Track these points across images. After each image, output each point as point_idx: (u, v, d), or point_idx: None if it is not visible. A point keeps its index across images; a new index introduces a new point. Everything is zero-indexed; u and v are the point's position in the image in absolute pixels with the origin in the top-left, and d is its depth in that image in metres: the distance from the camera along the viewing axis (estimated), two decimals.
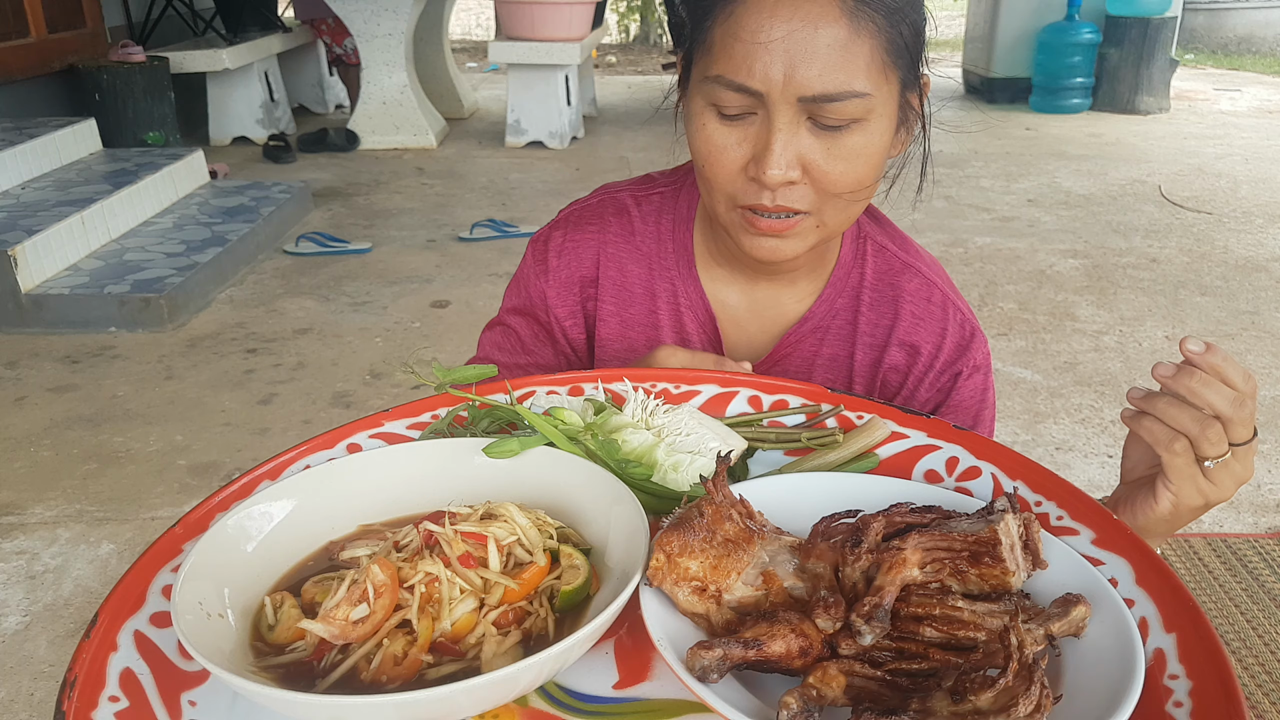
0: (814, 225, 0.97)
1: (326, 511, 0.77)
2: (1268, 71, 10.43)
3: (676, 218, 1.15)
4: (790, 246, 0.98)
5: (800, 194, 0.93)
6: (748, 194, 0.94)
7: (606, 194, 1.19)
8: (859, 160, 0.92)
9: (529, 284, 1.19)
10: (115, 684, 0.63)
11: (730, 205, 0.98)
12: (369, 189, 5.82)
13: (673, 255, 1.15)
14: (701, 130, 0.95)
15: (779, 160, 0.90)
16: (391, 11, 6.57)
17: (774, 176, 0.90)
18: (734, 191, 0.96)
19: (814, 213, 0.96)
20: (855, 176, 0.93)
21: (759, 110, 0.91)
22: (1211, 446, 0.82)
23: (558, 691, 0.64)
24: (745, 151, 0.93)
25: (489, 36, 12.53)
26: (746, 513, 0.71)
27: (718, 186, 0.97)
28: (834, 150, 0.91)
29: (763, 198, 0.93)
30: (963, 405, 1.13)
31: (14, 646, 2.15)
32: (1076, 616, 0.63)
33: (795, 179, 0.92)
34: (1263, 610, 2.24)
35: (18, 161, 4.45)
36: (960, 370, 1.12)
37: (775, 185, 0.92)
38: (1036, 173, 6.24)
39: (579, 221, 1.17)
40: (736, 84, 0.89)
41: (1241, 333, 3.82)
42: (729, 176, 0.95)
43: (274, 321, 3.90)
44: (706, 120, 0.94)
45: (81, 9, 6.05)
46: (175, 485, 2.75)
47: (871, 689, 0.60)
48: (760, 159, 0.91)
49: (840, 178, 0.92)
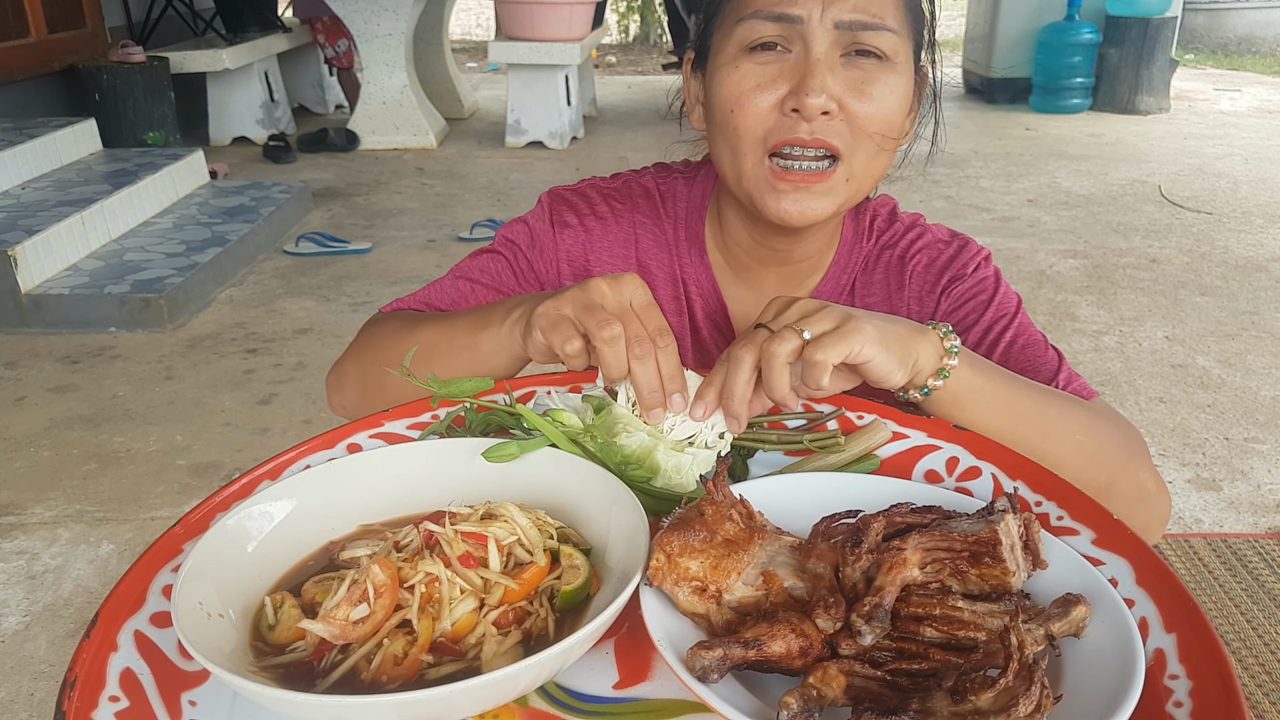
0: (844, 178, 0.97)
1: (326, 511, 0.77)
2: (1268, 71, 10.43)
3: (690, 205, 1.16)
4: (820, 205, 0.97)
5: (836, 129, 0.94)
6: (783, 129, 0.94)
7: (632, 177, 1.20)
8: (889, 99, 0.94)
9: (540, 235, 1.16)
10: (115, 684, 0.63)
11: (760, 156, 0.96)
12: (369, 189, 5.82)
13: (685, 242, 1.16)
14: (734, 72, 0.95)
15: (820, 85, 0.90)
16: (391, 11, 6.57)
17: (814, 104, 0.90)
18: (768, 131, 0.94)
19: (845, 158, 0.95)
20: (885, 115, 0.95)
21: (795, 45, 0.93)
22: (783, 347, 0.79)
23: (558, 691, 0.64)
24: (780, 91, 0.93)
25: (489, 36, 12.53)
26: (747, 513, 0.71)
27: (749, 131, 0.95)
28: (866, 88, 0.93)
29: (799, 130, 0.93)
30: (976, 301, 1.10)
31: (14, 646, 2.15)
32: (1076, 616, 0.63)
33: (833, 110, 0.92)
34: (1263, 610, 2.24)
35: (18, 161, 4.45)
36: (957, 275, 1.11)
37: (814, 114, 0.92)
38: (1036, 173, 6.24)
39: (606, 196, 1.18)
40: (776, 13, 0.91)
41: (1241, 333, 3.82)
42: (762, 115, 0.94)
43: (274, 321, 3.90)
44: (740, 62, 0.95)
45: (81, 9, 6.06)
46: (175, 485, 2.75)
47: (872, 689, 0.60)
48: (801, 86, 0.91)
49: (874, 114, 0.94)
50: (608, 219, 1.16)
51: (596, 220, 1.16)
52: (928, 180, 5.84)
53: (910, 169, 1.14)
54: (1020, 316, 1.09)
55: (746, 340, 0.81)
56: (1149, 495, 0.96)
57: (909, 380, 0.85)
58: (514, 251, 1.15)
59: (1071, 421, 0.93)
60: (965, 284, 1.11)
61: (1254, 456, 2.92)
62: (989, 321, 1.08)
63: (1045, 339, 1.09)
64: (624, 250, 1.16)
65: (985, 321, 1.08)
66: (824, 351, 0.77)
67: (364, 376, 1.07)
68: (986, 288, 1.11)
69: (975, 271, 1.11)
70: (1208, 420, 3.13)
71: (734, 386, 0.80)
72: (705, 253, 1.15)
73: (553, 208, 1.17)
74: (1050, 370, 1.05)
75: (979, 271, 1.12)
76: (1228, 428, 3.09)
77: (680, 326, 1.17)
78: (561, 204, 1.17)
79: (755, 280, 1.14)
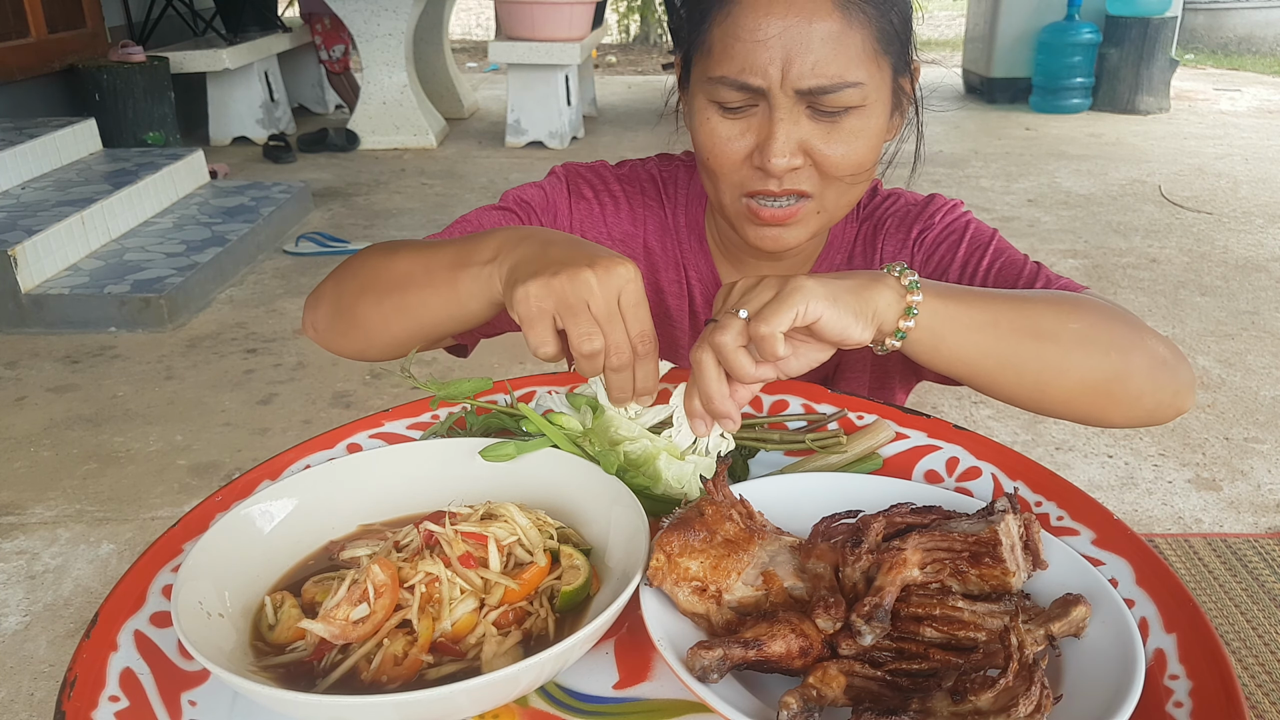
0: (815, 210, 1.01)
1: (326, 511, 0.77)
2: (1268, 71, 10.43)
3: (691, 194, 1.19)
4: (793, 234, 1.02)
5: (805, 176, 0.97)
6: (753, 181, 0.98)
7: (638, 164, 1.22)
8: (857, 143, 0.96)
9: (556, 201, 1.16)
10: (115, 684, 0.63)
11: (736, 196, 1.01)
12: (369, 189, 5.82)
13: (685, 228, 1.19)
14: (705, 124, 0.98)
15: (782, 149, 0.94)
16: (391, 11, 6.57)
17: (778, 165, 0.94)
18: (739, 180, 0.99)
19: (816, 196, 0.99)
20: (855, 159, 0.97)
21: (760, 103, 0.95)
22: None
23: (558, 691, 0.64)
24: (749, 142, 0.97)
25: (489, 36, 12.53)
26: (747, 513, 0.71)
27: (723, 178, 1.00)
28: (833, 135, 0.95)
29: (769, 184, 0.97)
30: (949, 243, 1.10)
31: (14, 646, 2.15)
32: (1076, 616, 0.63)
33: (799, 165, 0.96)
34: (1263, 610, 2.24)
35: (18, 161, 4.45)
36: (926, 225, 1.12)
37: (780, 172, 0.95)
38: (1036, 173, 6.24)
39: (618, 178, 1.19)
40: (739, 83, 0.93)
41: (1241, 333, 3.82)
42: (734, 166, 0.98)
43: (274, 321, 3.90)
44: (709, 115, 0.98)
45: (81, 9, 6.05)
46: (175, 485, 2.75)
47: (872, 689, 0.60)
48: (764, 148, 0.95)
49: (841, 160, 0.96)
50: (620, 198, 1.18)
51: (610, 198, 1.18)
52: (928, 180, 5.84)
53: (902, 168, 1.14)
54: (995, 242, 1.08)
55: (700, 341, 0.79)
56: (1167, 360, 0.90)
57: (876, 330, 0.80)
58: (527, 211, 1.14)
59: (1060, 313, 0.88)
60: (934, 231, 1.12)
61: (1254, 456, 2.92)
62: (964, 257, 1.08)
63: (1026, 257, 1.07)
64: (633, 229, 1.18)
65: (960, 258, 1.08)
66: (767, 323, 0.74)
67: (339, 299, 1.01)
68: (957, 228, 1.11)
69: (943, 218, 1.12)
70: (1208, 420, 3.13)
71: (707, 389, 0.78)
72: (705, 240, 1.18)
73: (569, 178, 1.18)
74: (1030, 278, 1.03)
75: (947, 216, 1.12)
76: (1228, 428, 3.09)
77: (680, 310, 1.20)
78: (578, 177, 1.18)
79: (752, 269, 1.16)
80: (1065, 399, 0.87)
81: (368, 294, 0.95)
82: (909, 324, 0.81)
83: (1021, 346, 0.84)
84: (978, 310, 0.84)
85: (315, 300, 1.05)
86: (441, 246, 0.92)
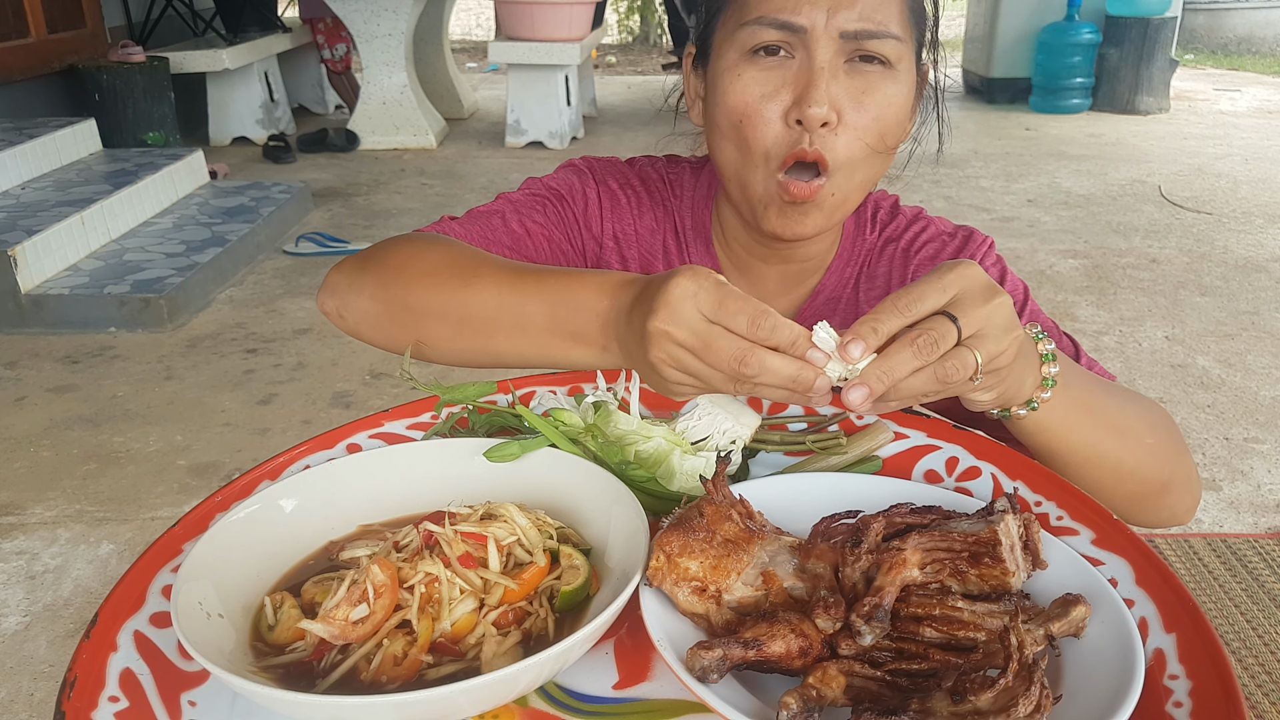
0: (829, 193, 0.96)
1: (326, 511, 0.77)
2: (1268, 71, 10.43)
3: (696, 196, 1.17)
4: (812, 220, 0.97)
5: (830, 141, 0.93)
6: (788, 142, 0.93)
7: (646, 163, 1.20)
8: (888, 109, 0.94)
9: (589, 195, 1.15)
10: (115, 684, 0.63)
11: (769, 170, 0.95)
12: (369, 189, 5.82)
13: (691, 230, 1.17)
14: (737, 80, 0.94)
15: (822, 96, 0.90)
16: (391, 11, 6.57)
17: (816, 115, 0.90)
18: (774, 142, 0.94)
19: (832, 172, 0.94)
20: (882, 126, 0.94)
21: (797, 53, 0.92)
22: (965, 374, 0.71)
23: (558, 692, 0.64)
24: (785, 99, 0.92)
25: (489, 36, 12.53)
26: (746, 513, 0.71)
27: (757, 142, 0.94)
28: (866, 96, 0.93)
29: (803, 142, 0.92)
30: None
31: (14, 646, 2.15)
32: (1076, 616, 0.63)
33: (833, 121, 0.92)
34: (1263, 610, 2.24)
35: (18, 161, 4.45)
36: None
37: (816, 125, 0.91)
38: (1036, 173, 6.24)
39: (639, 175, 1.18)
40: (779, 20, 0.90)
41: (1241, 333, 3.82)
42: (770, 127, 0.93)
43: (274, 321, 3.90)
44: (743, 71, 0.94)
45: (81, 9, 6.05)
46: (175, 485, 2.75)
47: (871, 689, 0.60)
48: (804, 97, 0.90)
49: (871, 124, 0.93)
50: (642, 195, 1.17)
51: (633, 193, 1.17)
52: (927, 180, 5.84)
53: (912, 169, 1.14)
54: (1030, 305, 1.08)
55: (936, 330, 0.69)
56: (1194, 480, 0.95)
57: (995, 403, 0.79)
58: (559, 200, 1.13)
59: (1141, 418, 0.90)
60: None
61: (1254, 456, 2.92)
62: None
63: (1056, 325, 1.06)
64: (655, 225, 1.17)
65: None
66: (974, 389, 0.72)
67: (389, 303, 0.94)
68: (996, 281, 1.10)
69: (981, 264, 1.10)
70: (1208, 420, 3.13)
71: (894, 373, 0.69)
72: (711, 244, 1.16)
73: (594, 170, 1.17)
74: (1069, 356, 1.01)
75: (983, 265, 1.10)
76: (1228, 428, 3.09)
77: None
78: (603, 170, 1.17)
79: (758, 276, 1.14)
80: (1114, 493, 0.89)
81: (436, 320, 0.90)
82: (1022, 412, 0.81)
83: (1108, 442, 0.86)
84: (1085, 409, 0.85)
85: (349, 287, 0.97)
86: (525, 292, 0.86)
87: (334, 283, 0.99)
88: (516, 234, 1.09)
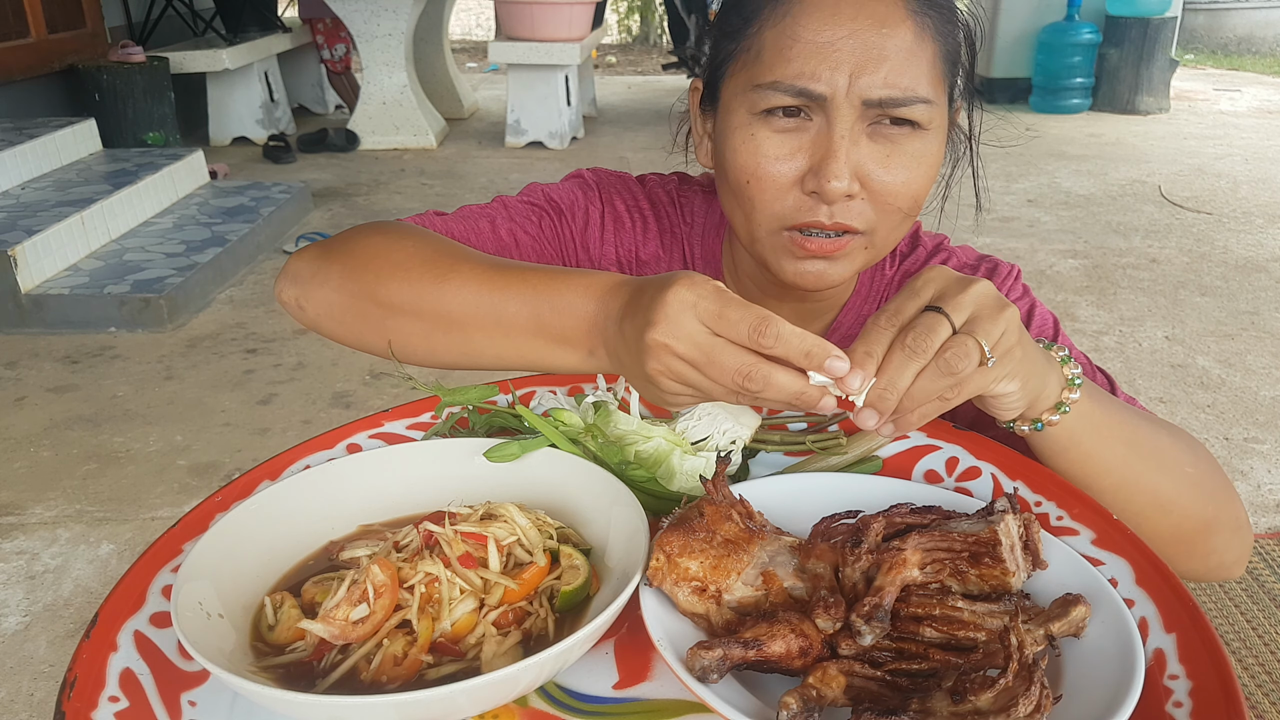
0: (863, 246, 0.90)
1: (326, 511, 0.77)
2: (1268, 71, 10.43)
3: (708, 224, 1.11)
4: (837, 270, 0.91)
5: (858, 210, 0.87)
6: (801, 211, 0.87)
7: (656, 183, 1.13)
8: (919, 170, 0.87)
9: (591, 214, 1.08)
10: (115, 684, 0.63)
11: (775, 229, 0.89)
12: (369, 189, 5.82)
13: (700, 260, 1.10)
14: (748, 142, 0.87)
15: (842, 169, 0.83)
16: (391, 11, 6.57)
17: (836, 188, 0.83)
18: (784, 210, 0.88)
19: (867, 232, 0.89)
20: (914, 189, 0.88)
21: (816, 118, 0.85)
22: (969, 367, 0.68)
23: (558, 692, 0.64)
24: (799, 164, 0.86)
25: (489, 36, 12.53)
26: (746, 513, 0.71)
27: (763, 207, 0.88)
28: (893, 159, 0.86)
29: (819, 214, 0.86)
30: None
31: (14, 646, 2.15)
32: (1076, 616, 0.63)
33: (855, 192, 0.86)
34: (1263, 610, 2.24)
35: (18, 161, 4.45)
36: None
37: (836, 198, 0.85)
38: (1036, 173, 6.24)
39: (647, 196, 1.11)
40: (797, 88, 0.83)
41: (1241, 333, 3.82)
42: (779, 192, 0.87)
43: (274, 321, 3.90)
44: (754, 132, 0.86)
45: (81, 9, 6.05)
46: (175, 485, 2.75)
47: (871, 689, 0.60)
48: (822, 169, 0.84)
49: (901, 189, 0.87)
50: (649, 219, 1.10)
51: (640, 216, 1.10)
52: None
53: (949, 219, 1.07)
54: (1060, 336, 1.03)
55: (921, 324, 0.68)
56: (1243, 524, 0.90)
57: (1021, 414, 0.77)
58: (557, 212, 1.07)
59: (1180, 450, 0.86)
60: None
61: (1254, 456, 2.92)
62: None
63: (1090, 360, 1.01)
64: (661, 253, 1.10)
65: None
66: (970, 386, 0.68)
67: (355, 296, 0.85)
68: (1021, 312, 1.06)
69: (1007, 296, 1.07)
70: (1207, 420, 3.13)
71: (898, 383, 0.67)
72: (721, 275, 1.10)
73: (600, 187, 1.10)
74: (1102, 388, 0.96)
75: (1010, 295, 1.04)
76: (1227, 428, 3.09)
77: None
78: (610, 187, 1.10)
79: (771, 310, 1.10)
80: (1157, 527, 0.84)
81: (408, 317, 0.83)
82: (1054, 418, 0.79)
83: (1145, 464, 0.84)
84: (1119, 425, 0.83)
85: (312, 276, 0.88)
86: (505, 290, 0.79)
87: (295, 270, 0.90)
88: (504, 241, 1.02)
